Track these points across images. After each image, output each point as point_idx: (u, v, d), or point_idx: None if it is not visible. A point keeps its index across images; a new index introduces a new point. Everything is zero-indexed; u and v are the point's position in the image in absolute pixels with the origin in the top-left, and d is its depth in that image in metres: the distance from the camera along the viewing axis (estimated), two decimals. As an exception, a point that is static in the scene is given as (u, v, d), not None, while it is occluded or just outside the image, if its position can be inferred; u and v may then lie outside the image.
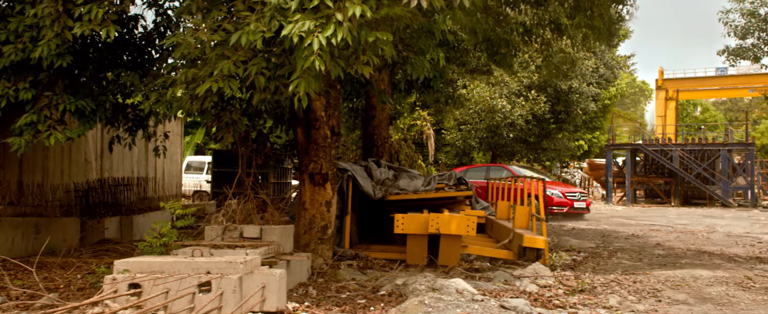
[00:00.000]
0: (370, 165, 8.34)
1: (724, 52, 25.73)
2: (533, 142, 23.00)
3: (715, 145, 30.20)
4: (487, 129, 22.25)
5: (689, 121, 48.34)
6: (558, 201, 15.31)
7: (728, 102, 70.46)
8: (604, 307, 5.07)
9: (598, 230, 12.51)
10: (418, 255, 7.39)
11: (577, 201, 15.50)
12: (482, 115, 22.25)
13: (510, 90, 22.44)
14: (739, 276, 6.51)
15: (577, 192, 15.76)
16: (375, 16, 4.90)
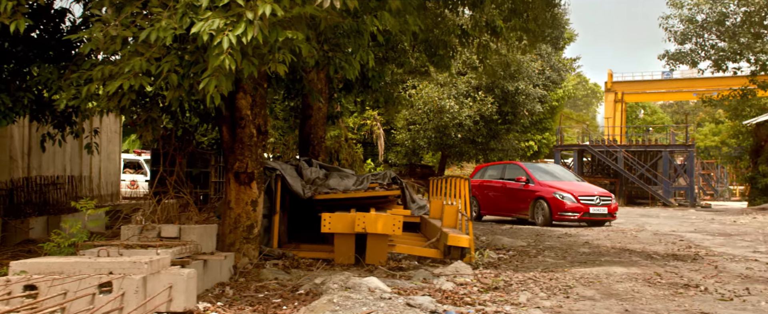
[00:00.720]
0: (301, 164, 8.34)
1: (664, 57, 26.62)
2: (481, 142, 23.36)
3: (658, 147, 31.27)
4: (436, 129, 22.50)
5: (639, 123, 49.82)
6: (571, 207, 13.53)
7: (675, 105, 72.96)
8: (513, 304, 5.20)
9: (534, 229, 12.80)
10: (345, 254, 7.43)
11: (594, 205, 13.71)
12: (431, 115, 22.48)
13: (458, 91, 22.73)
14: (650, 273, 6.77)
15: (595, 195, 13.92)
16: (287, 15, 4.91)
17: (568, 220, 13.74)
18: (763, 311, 5.00)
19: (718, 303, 5.28)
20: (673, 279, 6.45)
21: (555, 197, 13.67)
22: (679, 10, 25.46)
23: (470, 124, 22.35)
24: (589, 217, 13.58)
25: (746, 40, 24.22)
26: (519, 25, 11.01)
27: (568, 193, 13.69)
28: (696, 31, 25.31)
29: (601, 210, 13.71)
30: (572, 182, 14.77)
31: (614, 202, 14.19)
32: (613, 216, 14.07)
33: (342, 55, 7.37)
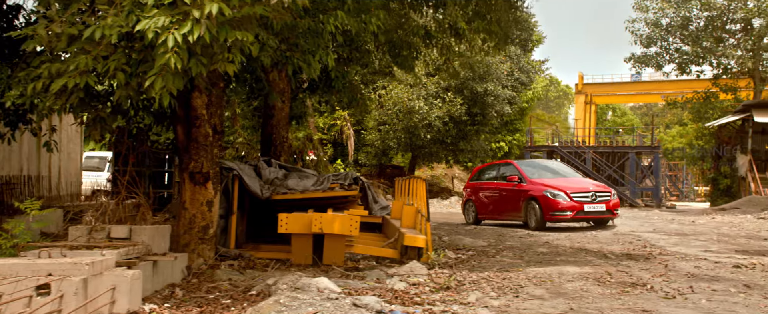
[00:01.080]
0: (260, 164, 8.29)
1: (630, 60, 27.09)
2: (450, 143, 23.51)
3: (625, 148, 31.80)
4: (405, 130, 22.59)
5: (608, 125, 50.60)
6: (564, 205, 12.25)
7: (644, 107, 74.31)
8: (462, 303, 5.24)
9: (498, 229, 12.92)
10: (302, 255, 7.42)
11: (589, 202, 12.41)
12: (400, 116, 22.55)
13: (428, 92, 22.84)
14: (602, 272, 6.89)
15: (590, 192, 12.57)
16: (236, 15, 4.89)
17: (562, 220, 12.47)
18: (702, 308, 5.13)
19: (661, 301, 5.40)
20: (622, 278, 6.58)
21: (546, 196, 12.39)
22: (644, 14, 25.97)
23: (439, 124, 22.48)
24: (584, 216, 12.37)
25: (708, 44, 24.78)
26: (482, 26, 11.10)
27: (559, 191, 12.37)
28: (661, 35, 25.82)
29: (598, 208, 12.43)
30: (568, 178, 13.47)
31: (614, 198, 12.82)
32: (614, 214, 12.79)
33: (300, 54, 7.34)
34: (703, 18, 25.10)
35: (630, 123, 67.94)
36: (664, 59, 26.45)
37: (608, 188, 13.22)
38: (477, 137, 24.50)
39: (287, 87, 10.28)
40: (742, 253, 8.70)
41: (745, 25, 24.97)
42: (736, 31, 25.46)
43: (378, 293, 5.44)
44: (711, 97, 26.49)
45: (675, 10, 24.95)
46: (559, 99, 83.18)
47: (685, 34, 25.50)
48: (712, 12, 24.48)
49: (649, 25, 25.88)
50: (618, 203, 12.90)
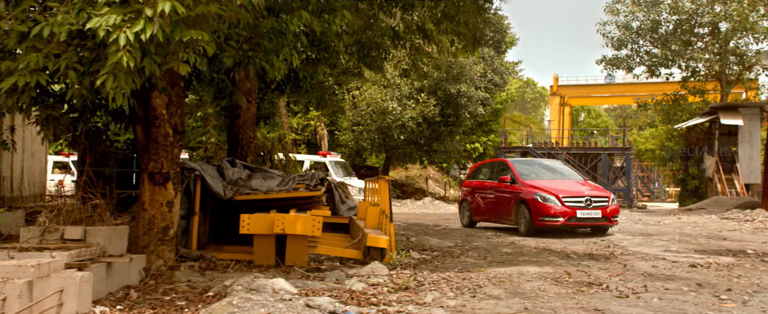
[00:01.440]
0: (224, 164, 8.23)
1: (601, 62, 27.46)
2: (424, 143, 23.59)
3: (597, 149, 32.23)
4: (379, 130, 22.61)
5: (583, 126, 51.21)
6: (554, 211, 11.18)
7: (618, 108, 75.34)
8: (418, 303, 5.26)
9: (467, 230, 12.99)
10: (264, 256, 7.37)
11: (583, 208, 11.23)
12: (374, 116, 22.57)
13: (401, 93, 22.90)
14: (561, 272, 6.98)
15: (584, 196, 11.40)
16: (191, 14, 4.84)
17: (552, 227, 11.31)
18: (652, 306, 5.22)
19: (614, 300, 5.48)
20: (581, 277, 6.66)
21: (535, 199, 11.33)
22: (615, 17, 26.34)
23: (413, 125, 22.55)
24: (576, 223, 11.27)
25: (677, 47, 25.23)
26: (450, 28, 11.16)
27: (550, 194, 11.30)
28: (631, 38, 26.22)
29: (593, 214, 11.22)
30: (563, 180, 12.33)
31: (612, 204, 11.63)
32: (612, 221, 11.51)
33: (263, 54, 7.30)
34: (672, 21, 25.54)
35: (604, 124, 68.81)
36: (634, 61, 26.86)
37: (606, 192, 11.85)
38: (450, 138, 24.62)
39: (254, 87, 10.23)
40: (701, 253, 8.88)
41: (713, 29, 25.48)
42: (703, 34, 25.96)
43: (335, 294, 5.43)
44: (680, 99, 26.97)
45: (645, 14, 25.36)
46: (535, 100, 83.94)
47: (655, 37, 25.93)
48: (681, 16, 24.92)
49: (620, 28, 26.27)
50: (616, 209, 11.74)
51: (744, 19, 23.29)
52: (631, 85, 50.65)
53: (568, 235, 11.52)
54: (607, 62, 27.24)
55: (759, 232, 11.86)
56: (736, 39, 24.70)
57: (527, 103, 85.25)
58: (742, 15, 23.24)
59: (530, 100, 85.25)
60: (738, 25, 23.73)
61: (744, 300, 5.44)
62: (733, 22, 23.87)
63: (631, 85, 50.65)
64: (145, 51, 4.85)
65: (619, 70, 27.42)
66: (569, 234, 11.61)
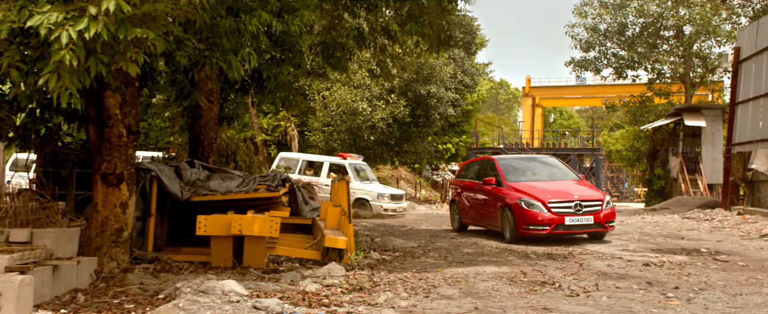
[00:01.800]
0: (182, 165, 8.13)
1: (570, 64, 27.85)
2: (394, 144, 23.62)
3: (567, 150, 32.67)
4: (349, 131, 22.58)
5: (556, 126, 51.78)
6: (542, 218, 9.93)
7: (590, 109, 76.40)
8: (369, 304, 5.27)
9: (433, 230, 13.04)
10: (222, 257, 7.31)
11: (572, 214, 9.95)
12: (344, 117, 22.54)
13: (372, 93, 22.91)
14: (517, 272, 7.04)
15: (573, 200, 10.07)
16: (136, 12, 4.77)
17: (538, 235, 10.09)
18: (600, 305, 5.30)
19: (563, 299, 5.55)
20: (536, 277, 6.73)
21: (519, 205, 10.08)
22: (583, 19, 26.72)
23: (383, 126, 22.57)
24: (564, 231, 10.02)
25: (643, 49, 25.70)
26: (415, 29, 11.20)
27: (536, 200, 10.04)
28: (599, 40, 26.63)
29: (584, 221, 9.96)
30: (553, 181, 11.00)
31: (607, 208, 10.32)
32: (606, 227, 10.21)
33: (220, 54, 7.24)
34: (638, 24, 26.02)
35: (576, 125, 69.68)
36: (602, 63, 27.29)
37: (600, 195, 10.58)
38: (421, 139, 24.70)
39: (216, 87, 10.12)
40: (657, 252, 9.04)
41: (677, 32, 26.00)
42: (669, 37, 26.48)
43: (287, 295, 5.40)
44: (646, 101, 27.47)
45: (612, 16, 25.78)
46: (508, 101, 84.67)
47: (622, 40, 26.38)
48: (647, 19, 25.39)
49: (588, 30, 26.67)
50: (611, 214, 10.38)
51: (706, 23, 23.82)
52: (601, 87, 51.40)
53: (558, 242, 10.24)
54: (576, 64, 27.63)
55: (715, 231, 12.12)
56: (700, 42, 25.26)
57: (501, 104, 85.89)
58: (705, 19, 23.76)
59: (504, 101, 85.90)
60: (701, 29, 24.26)
61: (689, 298, 5.56)
62: (696, 25, 24.39)
63: (601, 87, 51.40)
64: (91, 50, 4.76)
65: (587, 71, 27.82)
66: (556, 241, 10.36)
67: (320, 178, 18.25)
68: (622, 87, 40.97)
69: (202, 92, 10.08)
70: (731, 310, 5.08)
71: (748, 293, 5.79)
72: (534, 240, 10.32)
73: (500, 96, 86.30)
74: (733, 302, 5.40)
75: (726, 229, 12.32)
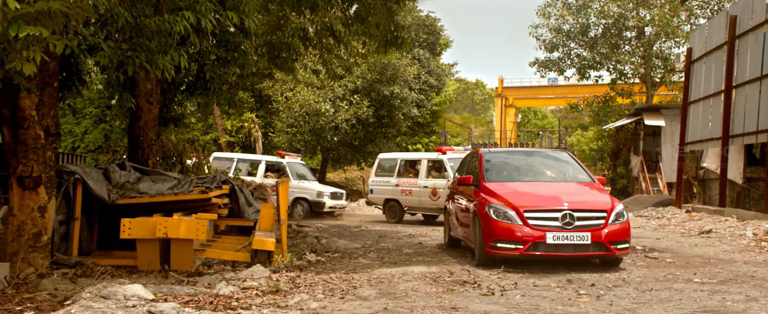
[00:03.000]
0: (111, 168, 8.00)
1: (534, 64, 28.07)
2: (358, 145, 23.58)
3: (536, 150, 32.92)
4: (312, 132, 22.50)
5: (531, 127, 52.21)
6: (517, 234, 7.19)
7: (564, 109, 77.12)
8: (279, 306, 5.21)
9: (384, 230, 13.01)
10: (148, 261, 7.19)
11: (558, 229, 7.09)
12: (307, 118, 22.46)
13: (335, 94, 22.85)
14: (445, 271, 7.04)
15: (562, 210, 7.18)
16: (29, 10, 4.66)
17: (508, 256, 7.26)
18: (509, 304, 5.31)
19: (476, 298, 5.56)
20: (461, 277, 6.73)
21: (487, 214, 7.47)
22: (547, 20, 26.98)
23: (347, 127, 22.52)
24: (545, 253, 7.08)
25: (605, 50, 26.00)
26: (361, 30, 11.17)
27: (509, 207, 7.38)
28: (562, 41, 26.88)
29: (576, 239, 7.04)
30: (546, 184, 8.34)
31: (616, 223, 7.27)
32: (611, 250, 7.09)
33: (145, 55, 7.13)
34: (600, 25, 26.32)
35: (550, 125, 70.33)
36: (566, 64, 27.55)
37: (606, 204, 7.45)
38: (386, 139, 24.69)
39: (155, 88, 9.97)
40: (594, 250, 9.10)
41: (639, 33, 26.36)
42: (630, 38, 26.84)
43: (197, 299, 5.32)
44: (609, 101, 27.79)
45: (574, 17, 26.04)
46: (485, 102, 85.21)
47: (585, 41, 26.66)
48: (608, 20, 25.71)
49: (552, 31, 26.91)
50: (622, 231, 7.25)
51: (665, 24, 24.17)
52: (573, 87, 51.88)
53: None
54: (540, 64, 27.86)
55: (660, 229, 12.29)
56: (660, 43, 25.63)
57: (477, 104, 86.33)
58: (664, 20, 24.11)
59: (480, 101, 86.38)
60: (660, 30, 24.62)
61: (600, 295, 5.60)
62: (655, 27, 24.75)
63: (573, 87, 51.88)
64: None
65: (551, 72, 28.06)
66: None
67: (256, 178, 17.58)
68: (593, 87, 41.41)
69: (141, 93, 9.94)
70: (634, 305, 5.13)
71: (658, 289, 5.86)
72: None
73: (476, 96, 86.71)
74: (640, 298, 5.46)
75: (671, 226, 12.51)
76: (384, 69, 23.02)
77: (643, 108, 24.60)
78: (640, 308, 5.03)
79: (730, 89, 14.15)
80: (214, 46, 10.76)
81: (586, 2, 26.18)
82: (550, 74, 28.71)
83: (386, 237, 11.63)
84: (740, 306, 5.02)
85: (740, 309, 4.93)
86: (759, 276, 6.50)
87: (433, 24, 25.56)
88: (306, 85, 22.56)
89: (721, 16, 15.68)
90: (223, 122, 25.78)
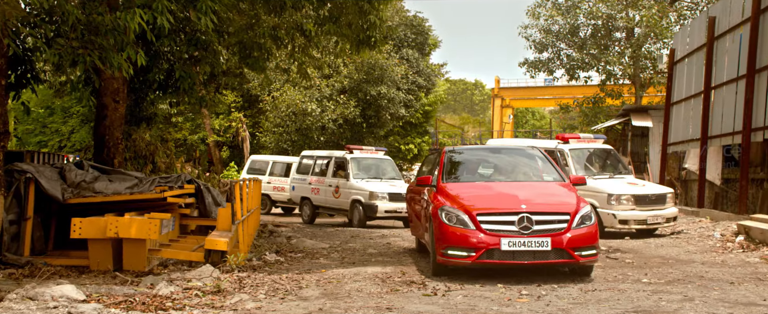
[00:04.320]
0: (67, 167, 7.95)
1: (524, 64, 27.98)
2: (345, 145, 23.49)
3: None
4: (298, 132, 22.45)
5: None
6: (469, 241, 6.47)
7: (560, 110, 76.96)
8: (213, 307, 5.16)
9: (362, 231, 12.93)
10: (101, 261, 7.15)
11: (515, 235, 6.41)
12: (294, 117, 22.41)
13: (322, 94, 22.79)
14: (399, 272, 6.99)
15: (517, 212, 6.55)
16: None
17: (459, 265, 6.57)
18: (447, 304, 5.25)
19: (417, 298, 5.50)
20: (412, 277, 6.68)
21: (439, 218, 6.80)
22: (536, 20, 26.89)
23: (333, 126, 22.46)
24: (498, 261, 6.40)
25: (595, 51, 25.91)
26: (333, 30, 11.11)
27: (460, 209, 6.74)
28: (552, 41, 26.79)
29: (534, 245, 6.36)
30: (509, 184, 7.62)
31: (581, 226, 6.54)
32: (575, 257, 6.37)
33: (98, 53, 7.08)
34: (590, 26, 26.23)
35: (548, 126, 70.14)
36: (555, 64, 27.46)
37: (570, 206, 6.75)
38: (374, 139, 24.60)
39: (122, 87, 9.92)
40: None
41: (628, 34, 26.27)
42: (620, 39, 26.75)
43: (133, 299, 5.26)
44: (599, 102, 27.71)
45: (564, 18, 25.96)
46: (484, 102, 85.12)
47: (574, 41, 26.57)
48: (597, 21, 25.62)
49: (541, 32, 26.82)
50: (588, 236, 6.51)
51: (653, 25, 24.08)
52: (569, 88, 51.71)
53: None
54: (530, 65, 27.77)
55: (635, 230, 12.20)
56: (651, 43, 25.53)
57: (476, 105, 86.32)
58: (651, 21, 24.01)
59: (479, 102, 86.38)
60: (649, 31, 24.52)
61: (541, 295, 5.54)
62: (644, 27, 24.66)
63: (569, 88, 51.71)
64: None
65: (541, 72, 27.97)
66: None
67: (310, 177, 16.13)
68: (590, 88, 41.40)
69: (107, 91, 9.89)
70: (570, 306, 5.07)
71: (602, 289, 5.80)
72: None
73: (475, 97, 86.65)
74: (580, 298, 5.40)
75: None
76: (371, 69, 22.95)
77: (631, 108, 24.51)
78: (575, 308, 4.97)
79: (709, 90, 14.08)
80: (185, 44, 10.72)
81: (575, 2, 26.09)
82: (540, 74, 28.58)
83: (358, 237, 11.55)
84: (673, 306, 4.96)
85: (672, 308, 4.88)
86: (708, 277, 6.43)
87: (420, 24, 25.47)
88: (293, 85, 22.51)
89: (702, 17, 15.61)
90: (211, 122, 25.74)
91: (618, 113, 25.36)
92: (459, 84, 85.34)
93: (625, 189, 11.09)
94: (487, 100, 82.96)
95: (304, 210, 16.12)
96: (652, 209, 10.91)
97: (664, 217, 10.93)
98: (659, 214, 10.89)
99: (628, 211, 10.73)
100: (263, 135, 24.22)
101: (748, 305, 5.02)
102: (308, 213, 15.92)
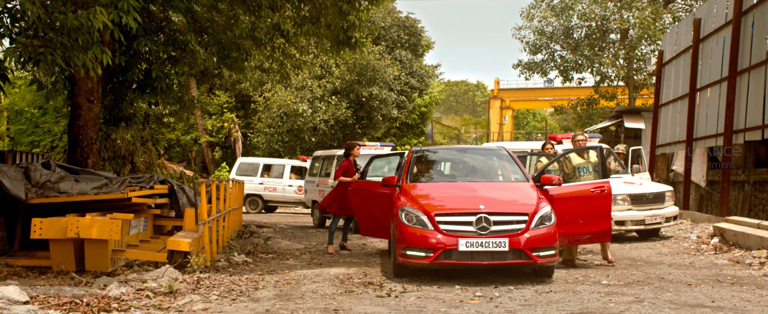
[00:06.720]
0: (32, 166, 7.89)
1: (518, 66, 27.92)
2: (336, 146, 23.47)
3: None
4: (290, 132, 22.43)
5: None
6: (428, 241, 6.43)
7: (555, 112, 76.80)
8: (161, 308, 5.12)
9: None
10: (63, 261, 7.10)
11: (473, 235, 6.35)
12: (285, 118, 22.40)
13: (313, 95, 22.78)
14: (361, 274, 6.94)
15: (476, 212, 6.49)
16: None
17: (417, 265, 6.50)
18: (397, 306, 5.19)
19: (369, 300, 5.45)
20: (372, 278, 6.62)
21: (399, 218, 6.75)
22: (530, 22, 26.82)
23: (325, 127, 22.44)
24: (457, 261, 6.31)
25: (589, 52, 25.83)
26: (312, 30, 11.07)
27: (419, 209, 6.67)
28: (546, 43, 26.73)
29: (492, 246, 6.26)
30: (472, 184, 7.54)
31: (540, 227, 6.46)
32: (533, 257, 6.29)
33: (61, 52, 7.05)
34: (583, 28, 26.15)
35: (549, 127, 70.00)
36: (549, 66, 27.39)
37: (529, 206, 6.65)
38: (367, 140, 24.57)
39: (96, 86, 9.89)
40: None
41: (622, 36, 26.18)
42: (614, 41, 26.66)
43: (78, 301, 5.22)
44: (593, 103, 27.62)
45: (557, 19, 25.88)
46: (485, 103, 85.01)
47: (569, 43, 26.50)
48: (591, 22, 25.54)
49: (535, 33, 26.75)
50: (548, 236, 6.43)
51: (646, 27, 23.98)
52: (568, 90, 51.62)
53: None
54: (524, 66, 27.71)
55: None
56: (646, 45, 25.44)
57: (477, 106, 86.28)
58: (644, 23, 23.92)
59: (480, 103, 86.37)
60: (642, 33, 24.42)
61: (493, 297, 5.48)
62: (637, 29, 24.56)
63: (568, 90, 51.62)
64: None
65: (535, 74, 27.90)
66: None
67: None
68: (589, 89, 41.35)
69: (80, 91, 9.87)
70: (519, 307, 5.01)
71: (557, 291, 5.73)
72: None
73: (477, 98, 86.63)
74: (532, 299, 5.33)
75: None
76: (363, 70, 22.93)
77: (623, 110, 24.41)
78: (522, 310, 4.91)
79: (695, 92, 14.00)
80: (162, 44, 10.68)
81: (569, 4, 26.01)
82: (535, 76, 28.52)
83: (338, 238, 11.47)
84: (621, 308, 4.89)
85: (619, 310, 4.81)
86: (668, 279, 6.36)
87: (413, 25, 25.45)
88: (284, 86, 22.50)
89: (689, 18, 15.53)
90: (203, 122, 25.74)
91: (611, 115, 25.27)
92: (461, 85, 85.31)
93: (621, 188, 10.39)
94: (488, 102, 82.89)
95: (315, 213, 14.71)
96: (651, 208, 10.39)
97: (664, 217, 10.35)
98: (658, 214, 10.32)
99: (624, 212, 10.20)
100: (255, 135, 24.23)
101: (694, 307, 4.95)
102: (318, 216, 14.36)
